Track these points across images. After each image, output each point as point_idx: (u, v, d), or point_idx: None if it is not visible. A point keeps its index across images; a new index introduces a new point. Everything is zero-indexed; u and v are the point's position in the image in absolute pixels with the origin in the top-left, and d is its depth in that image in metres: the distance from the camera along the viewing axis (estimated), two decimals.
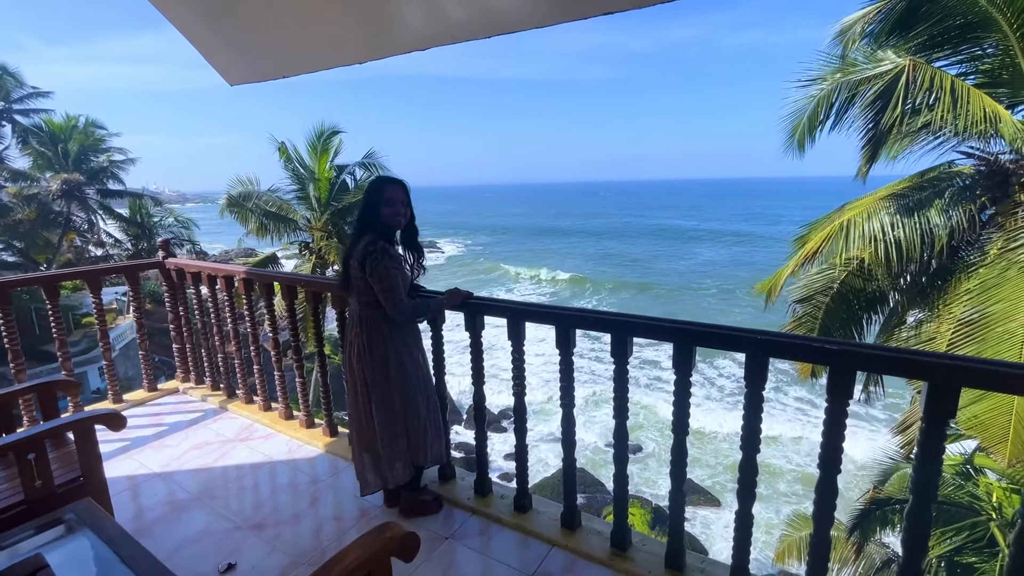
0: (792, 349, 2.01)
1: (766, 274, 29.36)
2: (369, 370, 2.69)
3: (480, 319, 3.04)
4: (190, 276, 4.53)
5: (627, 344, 2.40)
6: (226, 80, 3.32)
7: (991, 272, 5.76)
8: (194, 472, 3.57)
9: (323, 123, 11.75)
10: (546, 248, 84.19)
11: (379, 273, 2.54)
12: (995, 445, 5.33)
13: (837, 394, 1.85)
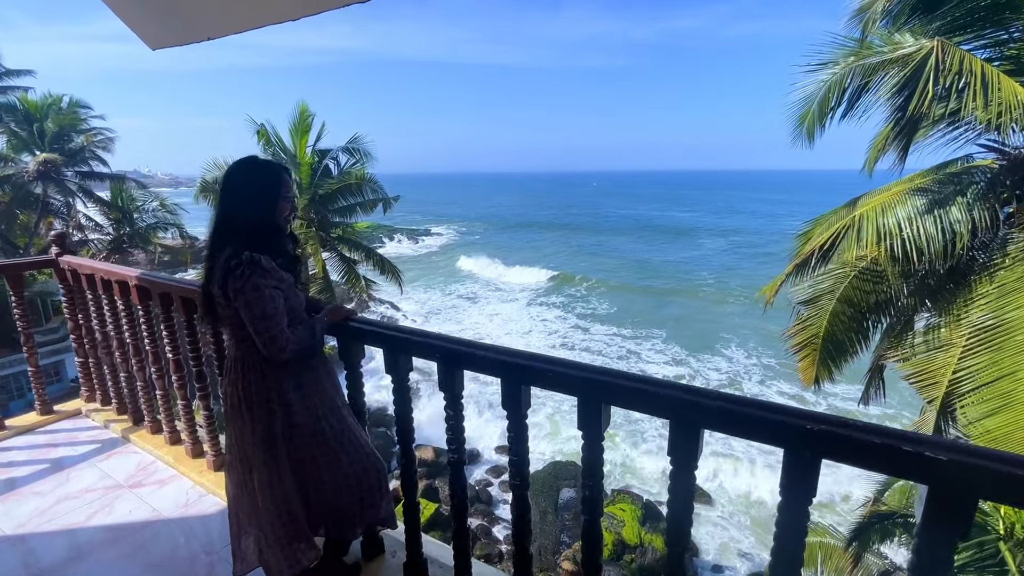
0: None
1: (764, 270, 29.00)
2: (248, 431, 2.04)
3: (403, 358, 2.29)
4: (84, 279, 3.78)
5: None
6: (148, 45, 2.87)
7: (1011, 275, 5.35)
8: (56, 535, 2.81)
9: (304, 102, 11.14)
10: (539, 240, 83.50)
11: (246, 295, 1.85)
12: None
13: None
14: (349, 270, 12.86)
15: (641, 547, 17.02)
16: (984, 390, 5.21)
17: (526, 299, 48.37)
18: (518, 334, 38.85)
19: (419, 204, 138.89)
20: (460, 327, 39.92)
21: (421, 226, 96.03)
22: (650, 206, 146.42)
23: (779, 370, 31.55)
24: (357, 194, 12.30)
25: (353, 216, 12.63)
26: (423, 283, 55.24)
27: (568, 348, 35.79)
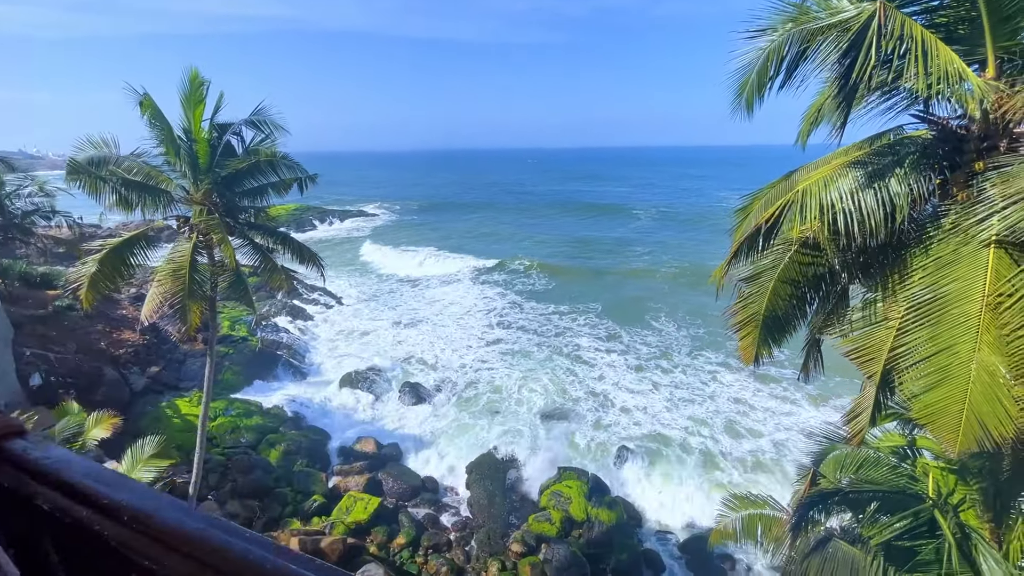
0: None
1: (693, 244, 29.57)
2: None
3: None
4: None
5: None
6: None
7: (946, 248, 5.34)
8: None
9: (194, 68, 9.55)
10: (477, 220, 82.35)
11: None
12: (947, 435, 4.99)
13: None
14: (265, 260, 11.58)
15: (588, 522, 17.23)
16: (922, 365, 5.22)
17: (465, 280, 47.53)
18: (456, 315, 38.12)
19: (353, 184, 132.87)
20: (396, 312, 38.59)
21: (355, 206, 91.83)
22: (585, 183, 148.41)
23: (707, 340, 33.04)
24: (268, 173, 10.99)
25: (265, 198, 11.30)
26: (359, 267, 52.93)
27: (504, 327, 35.58)
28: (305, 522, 17.32)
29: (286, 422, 22.19)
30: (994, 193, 5.09)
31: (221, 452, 19.81)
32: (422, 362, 30.20)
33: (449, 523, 18.44)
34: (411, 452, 22.11)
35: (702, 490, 19.85)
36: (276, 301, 35.20)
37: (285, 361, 27.87)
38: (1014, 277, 4.73)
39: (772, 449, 21.95)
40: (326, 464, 20.75)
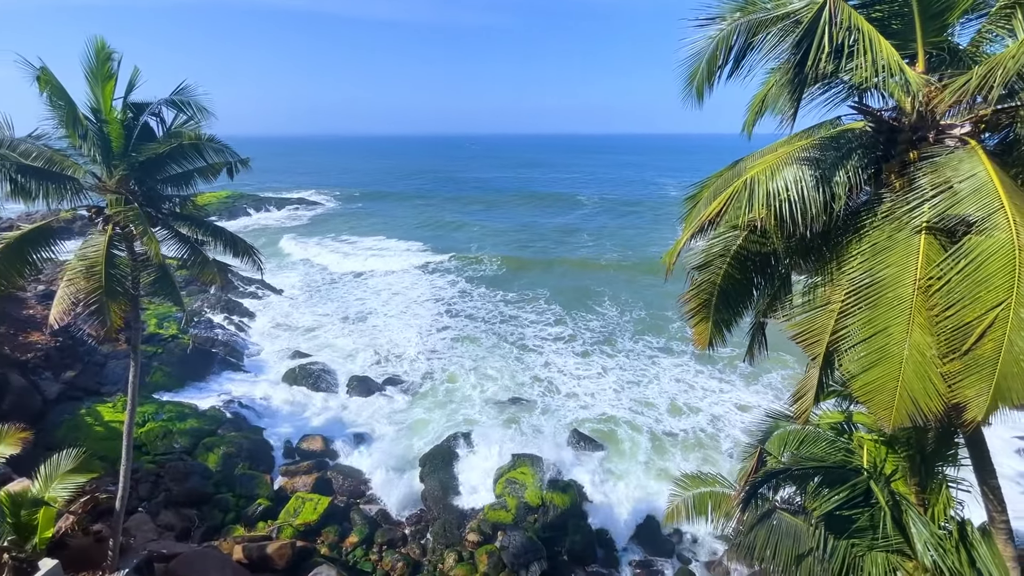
0: None
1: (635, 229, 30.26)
2: None
3: None
4: None
5: None
6: None
7: (881, 234, 5.62)
8: None
9: (100, 38, 8.46)
10: (422, 207, 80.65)
11: None
12: (883, 411, 5.30)
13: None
14: (194, 253, 10.66)
15: (543, 507, 17.44)
16: (860, 346, 5.50)
17: (412, 270, 46.59)
18: (404, 306, 37.33)
19: (289, 170, 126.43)
20: (341, 304, 37.24)
21: (292, 194, 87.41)
22: (529, 170, 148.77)
23: (649, 323, 34.24)
24: (194, 158, 10.03)
25: (191, 186, 10.35)
26: (298, 258, 50.59)
27: (453, 316, 35.28)
28: (250, 528, 16.50)
29: (225, 423, 20.96)
30: (925, 182, 5.39)
31: (152, 460, 18.46)
32: (371, 354, 29.40)
33: (403, 517, 18.15)
34: (362, 447, 21.52)
35: (650, 468, 20.60)
36: (209, 296, 33.04)
37: (222, 359, 26.25)
38: (942, 262, 5.04)
39: (711, 426, 23.14)
40: (271, 465, 19.81)
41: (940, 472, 6.61)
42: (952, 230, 5.07)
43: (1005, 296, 4.52)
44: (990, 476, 6.52)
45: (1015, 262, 4.50)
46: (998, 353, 4.57)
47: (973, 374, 4.78)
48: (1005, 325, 4.52)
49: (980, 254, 4.74)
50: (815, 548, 7.00)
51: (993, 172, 4.90)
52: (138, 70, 9.40)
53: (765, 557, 7.89)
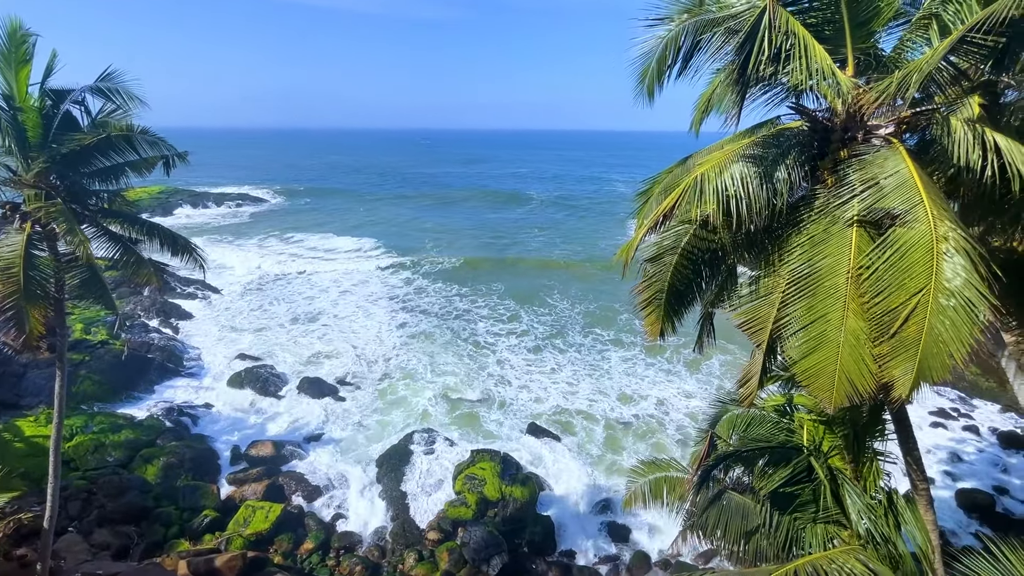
0: None
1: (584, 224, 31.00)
2: None
3: None
4: None
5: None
6: None
7: (818, 227, 6.01)
8: None
9: (14, 18, 7.66)
10: (371, 205, 78.63)
11: None
12: (823, 393, 5.68)
13: None
14: (126, 252, 9.94)
15: (503, 501, 17.55)
16: (801, 333, 5.87)
17: (363, 267, 45.51)
18: (356, 304, 36.45)
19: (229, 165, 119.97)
20: (289, 304, 35.85)
21: (232, 188, 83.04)
22: (480, 166, 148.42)
23: (598, 315, 35.22)
24: (125, 151, 9.32)
25: (121, 180, 9.62)
26: (241, 256, 48.24)
27: (406, 312, 34.85)
28: (195, 541, 15.68)
29: (164, 433, 19.77)
30: (855, 178, 5.80)
31: (83, 476, 17.17)
32: (322, 355, 28.53)
33: (360, 520, 17.76)
34: (314, 450, 20.88)
35: (605, 457, 21.16)
36: (142, 298, 30.99)
37: (159, 365, 24.71)
38: (871, 252, 5.45)
39: (659, 412, 24.08)
40: (217, 474, 18.88)
41: (871, 447, 7.18)
42: (880, 223, 5.49)
43: (925, 283, 4.94)
44: (913, 448, 7.13)
45: (933, 252, 4.93)
46: (920, 335, 4.99)
47: (900, 355, 5.20)
48: (926, 309, 4.94)
49: (904, 245, 5.16)
50: (762, 524, 7.43)
51: (914, 169, 5.34)
52: (56, 53, 8.64)
53: (716, 535, 8.30)
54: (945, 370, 4.98)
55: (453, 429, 22.46)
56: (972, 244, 4.81)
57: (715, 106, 7.94)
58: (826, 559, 5.85)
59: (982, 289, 4.73)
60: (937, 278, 4.89)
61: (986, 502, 18.51)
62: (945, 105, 6.45)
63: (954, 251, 4.83)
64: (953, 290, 4.84)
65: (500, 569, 15.37)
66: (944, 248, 4.88)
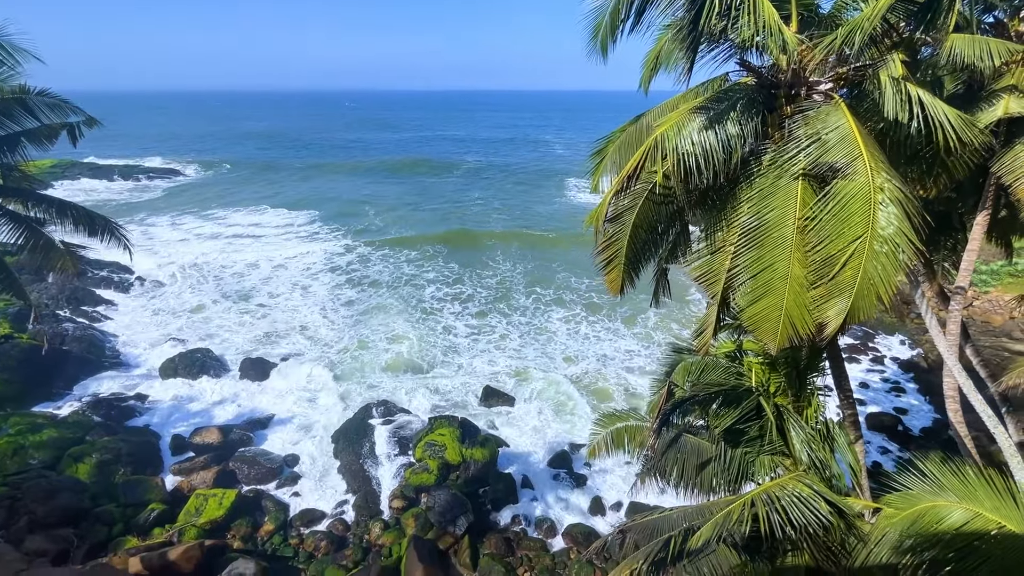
0: None
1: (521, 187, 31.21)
2: None
3: None
4: None
5: None
6: None
7: (766, 181, 6.32)
8: None
9: None
10: (299, 176, 73.87)
11: None
12: (769, 337, 6.13)
13: None
14: (32, 235, 8.85)
15: (464, 463, 17.89)
16: (750, 282, 6.25)
17: (297, 241, 43.34)
18: (292, 279, 34.89)
19: (135, 134, 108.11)
20: (218, 284, 33.66)
21: (144, 160, 75.20)
22: (415, 131, 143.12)
23: (537, 275, 36.13)
24: (19, 117, 8.14)
25: (16, 151, 8.43)
26: (161, 235, 44.41)
27: (351, 285, 33.91)
28: (144, 537, 14.92)
29: (94, 429, 18.38)
30: (800, 133, 6.11)
31: (3, 482, 15.73)
32: (262, 333, 27.27)
33: (321, 496, 17.56)
34: (265, 432, 20.22)
35: (558, 411, 21.98)
36: (48, 285, 28.01)
37: (78, 357, 22.67)
38: (815, 204, 5.83)
39: (603, 366, 25.26)
40: (159, 467, 17.89)
41: (811, 383, 7.91)
42: (823, 176, 5.85)
43: (863, 231, 5.37)
44: (844, 381, 7.92)
45: (871, 202, 5.34)
46: (855, 279, 5.46)
47: (834, 297, 5.69)
48: (862, 255, 5.39)
49: (844, 196, 5.55)
50: (715, 459, 8.06)
51: (853, 124, 5.69)
52: None
53: (673, 475, 8.94)
54: (873, 309, 5.50)
55: (408, 398, 22.41)
56: (905, 194, 5.25)
57: (664, 63, 8.01)
58: (778, 486, 6.46)
59: (911, 236, 5.21)
60: (873, 227, 5.32)
61: (891, 422, 21.01)
62: (874, 61, 6.86)
63: (889, 201, 5.26)
64: (886, 237, 5.29)
65: (466, 528, 15.80)
66: (880, 199, 5.30)
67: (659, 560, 6.56)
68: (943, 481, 5.98)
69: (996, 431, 8.43)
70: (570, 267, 37.04)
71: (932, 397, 22.50)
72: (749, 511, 6.24)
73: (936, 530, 5.61)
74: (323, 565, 14.70)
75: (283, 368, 24.12)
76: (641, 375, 24.36)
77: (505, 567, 14.86)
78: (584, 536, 15.95)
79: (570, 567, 15.08)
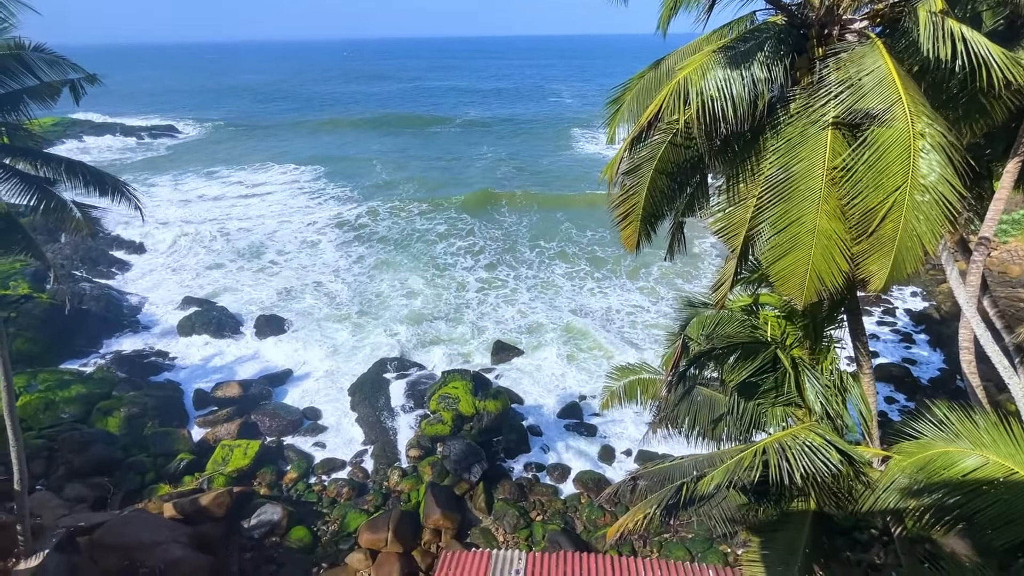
0: None
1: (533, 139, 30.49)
2: None
3: None
4: None
5: None
6: None
7: (794, 130, 6.06)
8: None
9: None
10: (302, 137, 71.85)
11: None
12: (794, 291, 6.06)
13: None
14: (43, 195, 8.81)
15: (477, 415, 18.38)
16: (775, 237, 6.11)
17: (304, 197, 43.02)
18: (301, 235, 34.87)
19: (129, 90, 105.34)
20: (229, 242, 33.68)
21: (140, 120, 73.69)
22: (416, 80, 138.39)
23: (542, 228, 36.03)
24: (18, 74, 7.93)
25: (19, 110, 8.26)
26: (168, 194, 44.19)
27: (360, 241, 33.90)
28: (175, 484, 15.71)
29: (119, 384, 19.00)
30: (832, 78, 5.79)
31: (38, 435, 16.47)
32: (275, 290, 27.55)
33: (341, 446, 18.24)
34: (283, 386, 20.81)
35: (570, 362, 22.33)
36: (62, 245, 28.25)
37: (98, 316, 23.14)
38: (849, 154, 5.60)
39: (610, 319, 25.46)
40: (185, 419, 18.59)
41: (828, 336, 7.90)
42: (857, 124, 5.58)
43: (902, 181, 5.17)
44: (861, 333, 7.89)
45: (911, 149, 5.11)
46: (896, 232, 5.30)
47: (876, 252, 5.53)
48: (902, 207, 5.21)
49: (881, 144, 5.30)
50: (728, 412, 8.20)
51: (892, 65, 5.37)
52: None
53: (685, 425, 9.13)
54: (918, 262, 5.36)
55: (422, 352, 22.81)
56: (948, 139, 5.01)
57: (683, 2, 7.51)
58: (790, 435, 6.57)
59: (955, 183, 4.99)
60: (913, 175, 5.11)
61: (899, 373, 21.15)
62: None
63: (930, 147, 5.02)
64: (928, 186, 5.09)
65: (481, 475, 16.42)
66: (921, 145, 5.06)
67: (671, 505, 6.78)
68: (959, 428, 6.04)
69: (1010, 381, 8.44)
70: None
71: (943, 348, 22.52)
72: (760, 458, 6.37)
73: (946, 475, 5.72)
74: (346, 509, 15.44)
75: (297, 324, 24.54)
76: (646, 328, 24.55)
77: (518, 511, 15.52)
78: (594, 482, 16.54)
79: (580, 511, 15.75)
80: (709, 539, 14.07)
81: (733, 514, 7.48)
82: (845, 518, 7.60)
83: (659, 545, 14.36)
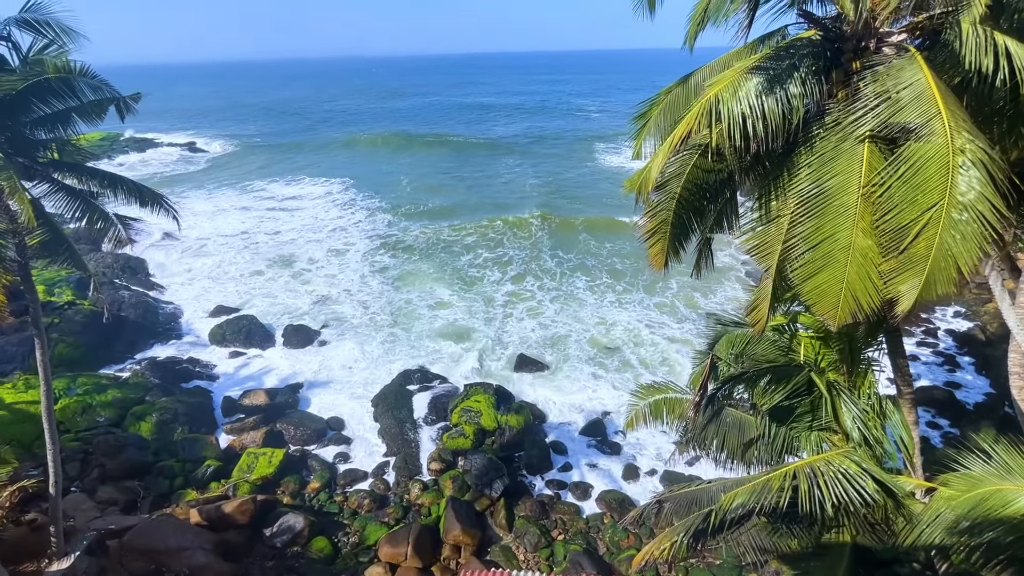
0: None
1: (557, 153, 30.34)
2: None
3: None
4: None
5: None
6: None
7: (828, 144, 5.88)
8: None
9: None
10: (334, 154, 73.40)
11: None
12: (829, 311, 5.83)
13: None
14: (88, 208, 9.21)
15: (499, 429, 18.24)
16: (809, 253, 5.91)
17: (337, 211, 43.89)
18: (332, 247, 35.56)
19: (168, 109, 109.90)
20: (261, 253, 34.56)
21: (179, 137, 76.48)
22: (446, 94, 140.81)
23: (563, 236, 36.30)
24: (65, 94, 8.37)
25: (69, 128, 8.70)
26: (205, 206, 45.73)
27: (389, 252, 34.32)
28: (202, 490, 15.99)
29: (152, 390, 19.56)
30: (868, 91, 5.61)
31: (75, 437, 17.05)
32: (304, 301, 28.10)
33: (363, 457, 18.32)
34: (308, 396, 21.09)
35: (595, 379, 22.02)
36: (103, 255, 29.47)
37: (135, 323, 23.98)
38: (884, 169, 5.39)
39: (631, 334, 25.06)
40: (213, 426, 18.99)
41: (866, 359, 7.56)
42: (893, 138, 5.38)
43: (939, 198, 4.94)
44: (901, 356, 7.53)
45: (949, 165, 4.89)
46: (930, 250, 5.06)
47: (907, 270, 5.30)
48: (937, 225, 4.97)
49: (918, 160, 5.09)
50: (759, 435, 7.89)
51: (931, 79, 5.17)
52: None
53: (713, 447, 8.83)
54: (950, 283, 5.10)
55: (444, 365, 22.84)
56: (990, 155, 4.77)
57: (712, 17, 7.43)
58: (823, 461, 6.27)
59: (996, 202, 4.75)
60: (951, 192, 4.88)
61: (943, 397, 20.15)
62: (956, 6, 6.18)
63: (970, 164, 4.80)
64: (966, 204, 4.85)
65: (502, 491, 16.23)
66: (960, 161, 4.84)
67: (699, 531, 6.54)
68: (1009, 463, 5.67)
69: None
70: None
71: (989, 371, 21.39)
72: (790, 482, 6.10)
73: (1001, 514, 5.35)
74: (366, 521, 15.43)
75: (324, 335, 24.93)
76: (672, 343, 24.07)
77: (540, 529, 15.26)
78: (617, 502, 16.16)
79: (603, 531, 15.37)
80: (738, 567, 13.53)
81: (763, 542, 7.16)
82: (884, 550, 7.19)
83: (685, 571, 13.88)
